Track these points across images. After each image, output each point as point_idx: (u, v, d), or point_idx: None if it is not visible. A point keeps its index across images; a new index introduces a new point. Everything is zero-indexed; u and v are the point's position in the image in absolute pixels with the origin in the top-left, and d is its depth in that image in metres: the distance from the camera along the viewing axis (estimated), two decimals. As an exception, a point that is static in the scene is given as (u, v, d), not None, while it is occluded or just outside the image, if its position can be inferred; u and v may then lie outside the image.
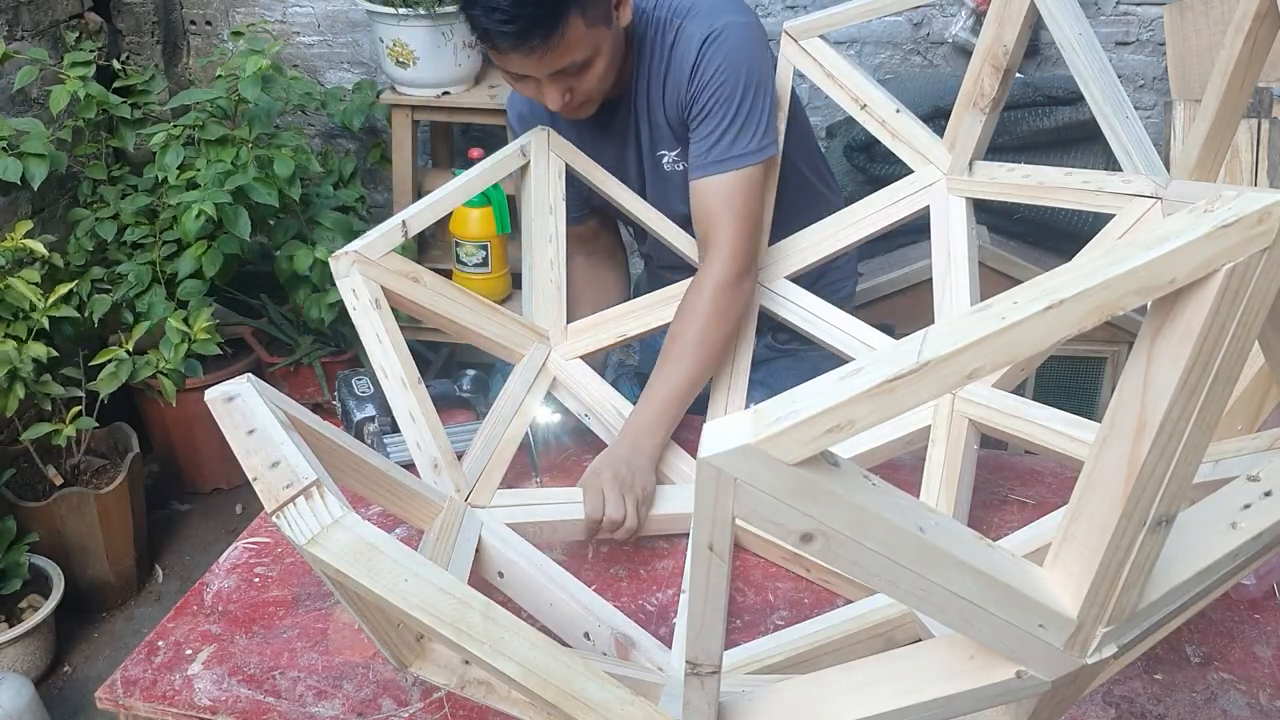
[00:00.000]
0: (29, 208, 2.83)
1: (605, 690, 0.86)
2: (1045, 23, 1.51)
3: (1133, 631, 0.76)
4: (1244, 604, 1.37)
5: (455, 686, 1.04)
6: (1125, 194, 1.48)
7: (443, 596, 0.83)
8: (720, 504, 0.65)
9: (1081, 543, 0.72)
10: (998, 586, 0.70)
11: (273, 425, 0.95)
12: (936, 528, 0.69)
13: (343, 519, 0.83)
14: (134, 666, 1.27)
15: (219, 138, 2.68)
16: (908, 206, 1.71)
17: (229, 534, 3.01)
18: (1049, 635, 0.73)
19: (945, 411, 1.49)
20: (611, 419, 1.59)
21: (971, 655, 0.77)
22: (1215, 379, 0.65)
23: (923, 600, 0.70)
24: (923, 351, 0.63)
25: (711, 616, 0.73)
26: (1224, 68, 1.29)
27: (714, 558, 0.69)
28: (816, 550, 0.67)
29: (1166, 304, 0.65)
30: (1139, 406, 0.67)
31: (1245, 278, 0.62)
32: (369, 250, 1.46)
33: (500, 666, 0.83)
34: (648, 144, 1.72)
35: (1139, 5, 2.89)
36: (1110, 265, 0.63)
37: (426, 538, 1.28)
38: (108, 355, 2.48)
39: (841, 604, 1.36)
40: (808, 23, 1.74)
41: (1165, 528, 0.71)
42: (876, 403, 0.63)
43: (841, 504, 0.65)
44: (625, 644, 1.24)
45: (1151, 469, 0.67)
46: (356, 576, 0.82)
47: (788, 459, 0.63)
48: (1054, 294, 0.63)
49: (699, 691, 0.79)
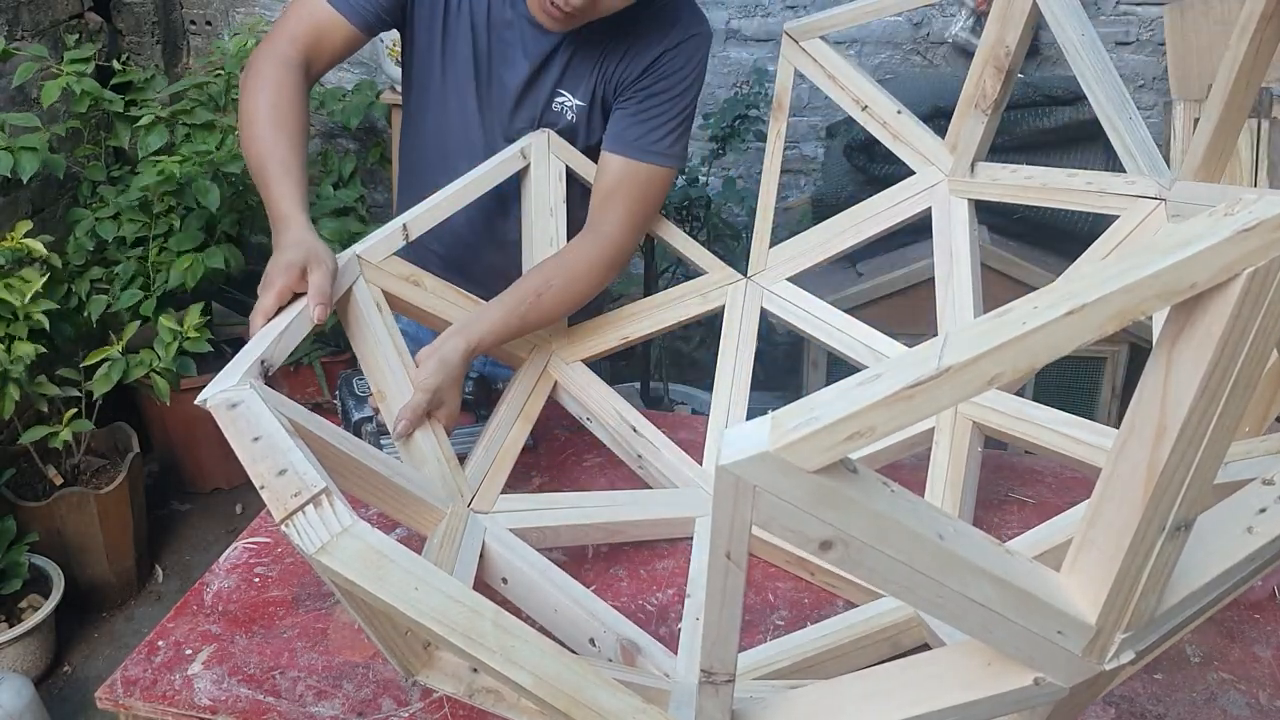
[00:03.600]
0: (29, 207, 2.82)
1: (617, 698, 0.85)
2: (1047, 24, 1.51)
3: (1151, 637, 0.75)
4: (1244, 604, 1.37)
5: (464, 695, 1.03)
6: (1129, 195, 1.47)
7: (453, 605, 0.83)
8: (739, 512, 0.65)
9: (1100, 548, 0.71)
10: (1016, 593, 0.70)
11: (278, 431, 0.94)
12: (955, 534, 0.68)
13: (352, 527, 0.83)
14: (134, 666, 1.26)
15: (205, 122, 2.68)
16: (910, 208, 1.70)
17: (229, 534, 3.01)
18: (1067, 641, 0.72)
19: (949, 414, 1.49)
20: (614, 423, 1.58)
21: (989, 662, 0.77)
22: (1236, 384, 0.65)
23: (940, 607, 0.70)
24: (943, 357, 0.62)
25: (727, 625, 0.73)
26: (1229, 69, 1.28)
27: (731, 566, 0.68)
28: (836, 558, 0.67)
29: (1187, 309, 0.64)
30: (1159, 411, 0.66)
31: (1266, 282, 0.62)
32: (370, 254, 1.45)
33: (512, 675, 0.83)
34: (554, 76, 1.65)
35: (1139, 5, 2.90)
36: (1130, 269, 0.62)
37: (430, 544, 1.27)
38: (100, 355, 2.47)
39: (842, 605, 1.36)
40: (808, 24, 1.73)
41: (1184, 533, 0.70)
42: (896, 409, 0.62)
43: (861, 511, 0.65)
44: (631, 650, 1.23)
45: (1171, 474, 0.67)
46: (366, 585, 0.81)
47: (807, 466, 0.63)
48: (1074, 298, 0.62)
49: (713, 700, 0.78)
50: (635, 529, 1.45)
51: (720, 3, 3.28)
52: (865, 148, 2.54)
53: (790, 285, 1.74)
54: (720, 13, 3.29)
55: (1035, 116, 2.43)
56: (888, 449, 1.49)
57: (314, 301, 1.28)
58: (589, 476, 1.63)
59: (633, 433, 1.57)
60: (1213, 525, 0.80)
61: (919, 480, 1.43)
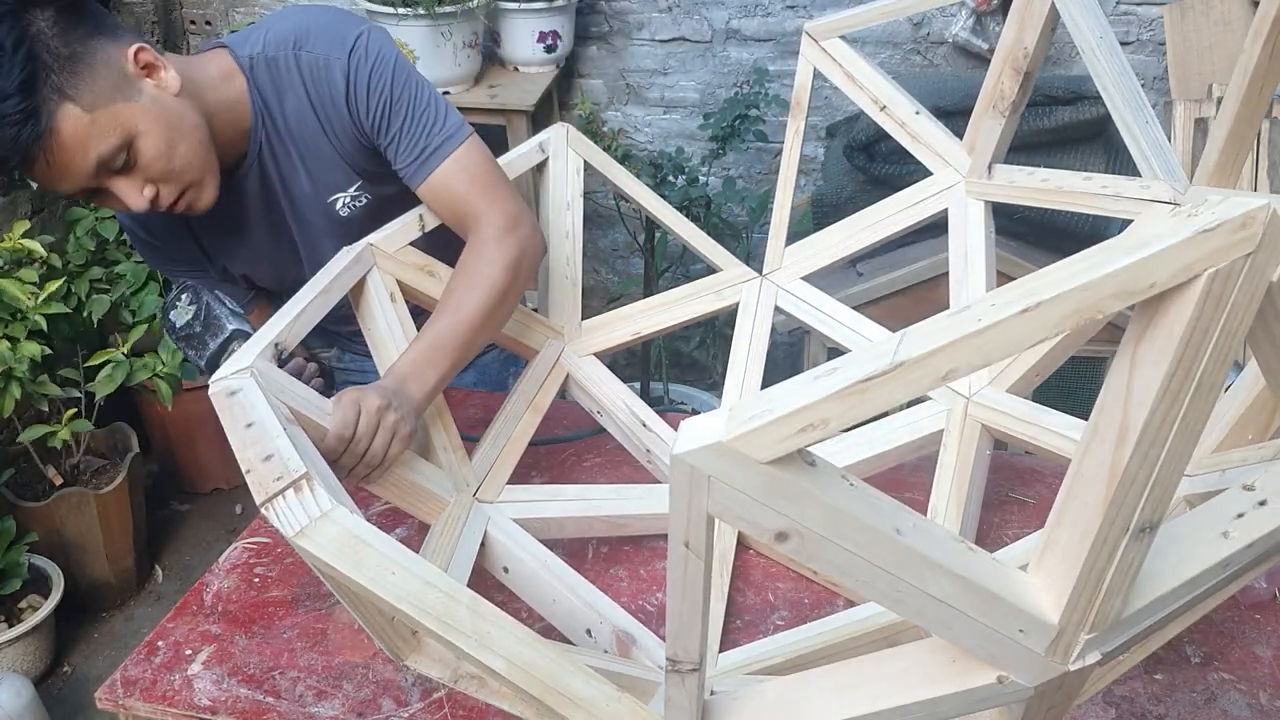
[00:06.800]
0: (28, 208, 2.84)
1: (590, 686, 0.86)
2: (1065, 25, 1.50)
3: (1117, 639, 0.75)
4: (1245, 604, 1.36)
5: (449, 680, 1.04)
6: (1144, 199, 1.46)
7: (429, 590, 0.84)
8: (694, 501, 0.65)
9: (1063, 548, 0.71)
10: (976, 591, 0.70)
11: (270, 419, 0.96)
12: (914, 530, 0.68)
13: (331, 512, 0.84)
14: (134, 666, 1.28)
15: None
16: (927, 209, 1.70)
17: (229, 534, 3.04)
18: (1029, 640, 0.72)
19: (958, 417, 1.48)
20: (624, 417, 1.59)
21: (953, 659, 0.77)
22: (1199, 385, 0.64)
23: (900, 603, 0.70)
24: (898, 352, 0.63)
25: (690, 614, 0.73)
26: (1243, 73, 1.27)
27: (690, 555, 0.69)
28: (792, 549, 0.67)
29: (1150, 308, 0.64)
30: (1121, 412, 0.66)
31: (1228, 283, 0.61)
32: (385, 244, 1.47)
33: (485, 660, 0.84)
34: (309, 199, 1.53)
35: (1139, 5, 2.87)
36: (1089, 268, 0.62)
37: (432, 531, 1.29)
38: (104, 357, 2.48)
39: (842, 604, 1.36)
40: (828, 23, 1.73)
41: (1148, 535, 0.70)
42: (850, 402, 0.63)
43: (815, 503, 0.65)
44: (626, 641, 1.24)
45: (1133, 476, 0.67)
46: (343, 569, 0.83)
47: (761, 457, 0.63)
48: (1031, 296, 0.62)
49: (679, 689, 0.79)
50: (639, 522, 1.46)
51: (720, 3, 3.28)
52: (865, 148, 2.52)
53: (805, 284, 1.74)
54: (720, 12, 3.30)
55: (1035, 116, 2.41)
56: (895, 450, 1.48)
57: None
58: (589, 476, 1.64)
59: (642, 427, 1.58)
60: (1188, 529, 0.79)
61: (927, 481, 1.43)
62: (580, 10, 3.32)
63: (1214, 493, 1.03)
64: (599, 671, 0.88)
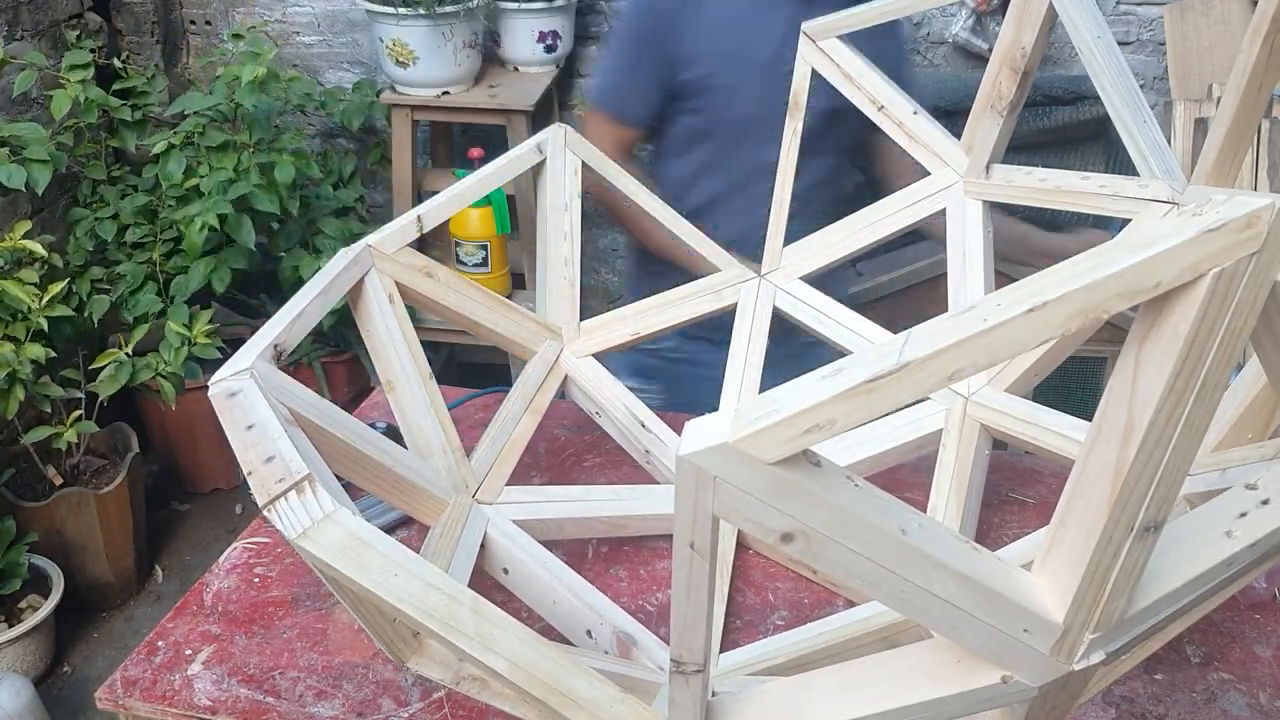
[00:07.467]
0: (28, 208, 2.84)
1: (594, 687, 0.86)
2: (1063, 25, 1.50)
3: (1122, 639, 0.75)
4: (1244, 604, 1.36)
5: (451, 682, 1.04)
6: (1142, 199, 1.46)
7: (432, 592, 0.84)
8: (700, 502, 0.65)
9: (1068, 548, 0.71)
10: (981, 590, 0.70)
11: (271, 420, 0.95)
12: (919, 530, 0.68)
13: (334, 513, 0.84)
14: (134, 666, 1.28)
15: (220, 144, 2.68)
16: (925, 209, 1.70)
17: (229, 534, 3.03)
18: (1034, 640, 0.72)
19: (957, 417, 1.48)
20: (623, 418, 1.59)
21: (958, 659, 0.77)
22: (1203, 384, 0.65)
23: (905, 603, 0.70)
24: (903, 353, 0.63)
25: (694, 615, 0.73)
26: (1241, 73, 1.27)
27: (695, 556, 0.69)
28: (797, 550, 0.67)
29: (1154, 307, 0.64)
30: (1126, 411, 0.66)
31: (1233, 282, 0.61)
32: (384, 244, 1.46)
33: (489, 662, 0.84)
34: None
35: (1139, 5, 2.88)
36: (1095, 268, 0.62)
37: (431, 533, 1.28)
38: (107, 358, 2.48)
39: (842, 604, 1.36)
40: (826, 23, 1.72)
41: (1153, 534, 0.70)
42: (856, 403, 0.63)
43: (821, 504, 0.65)
44: (627, 642, 1.24)
45: (1138, 475, 0.67)
46: (346, 570, 0.83)
47: (766, 458, 0.63)
48: (1037, 296, 0.62)
49: (684, 690, 0.79)
50: (639, 523, 1.46)
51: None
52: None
53: (803, 285, 1.74)
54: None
55: (1035, 116, 2.41)
56: (894, 450, 1.48)
57: None
58: (589, 477, 1.64)
59: (641, 428, 1.58)
60: (1191, 529, 0.80)
61: (926, 480, 1.43)
62: (580, 10, 3.31)
63: (1214, 492, 1.03)
64: (600, 673, 0.88)
